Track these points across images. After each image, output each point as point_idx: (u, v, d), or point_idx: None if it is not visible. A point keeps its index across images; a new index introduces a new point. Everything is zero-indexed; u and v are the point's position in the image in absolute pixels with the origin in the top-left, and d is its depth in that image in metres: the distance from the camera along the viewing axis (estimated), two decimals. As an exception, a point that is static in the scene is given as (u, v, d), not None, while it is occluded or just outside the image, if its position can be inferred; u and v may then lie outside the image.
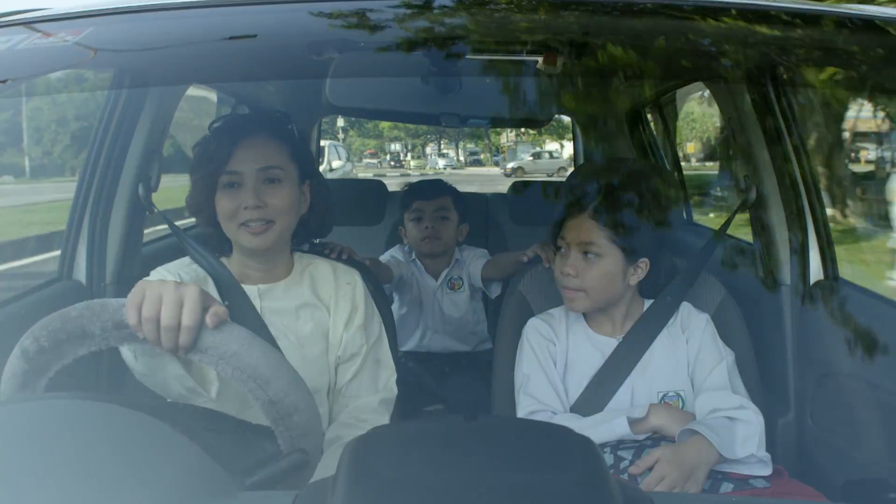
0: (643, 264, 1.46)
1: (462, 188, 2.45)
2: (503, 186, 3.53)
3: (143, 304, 0.89)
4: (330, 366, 1.41)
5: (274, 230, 1.34)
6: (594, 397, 1.45)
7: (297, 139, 1.42)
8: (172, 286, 0.91)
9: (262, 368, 0.86)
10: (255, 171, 1.32)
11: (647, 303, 1.52)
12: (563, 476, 0.60)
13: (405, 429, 0.73)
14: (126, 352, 1.04)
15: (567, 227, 1.47)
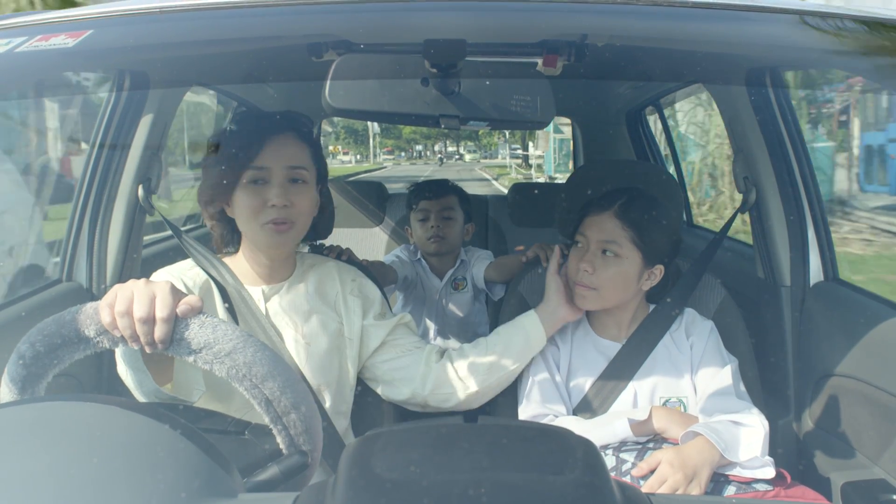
0: (658, 270, 1.45)
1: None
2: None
3: (116, 301, 0.90)
4: (345, 361, 1.42)
5: (294, 231, 1.33)
6: (597, 401, 1.45)
7: (316, 142, 1.43)
8: (143, 283, 0.92)
9: (257, 367, 0.86)
10: (283, 168, 1.30)
11: (652, 307, 1.52)
12: (563, 478, 0.60)
13: (405, 430, 0.73)
14: (121, 367, 1.05)
15: (588, 224, 1.46)
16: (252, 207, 1.30)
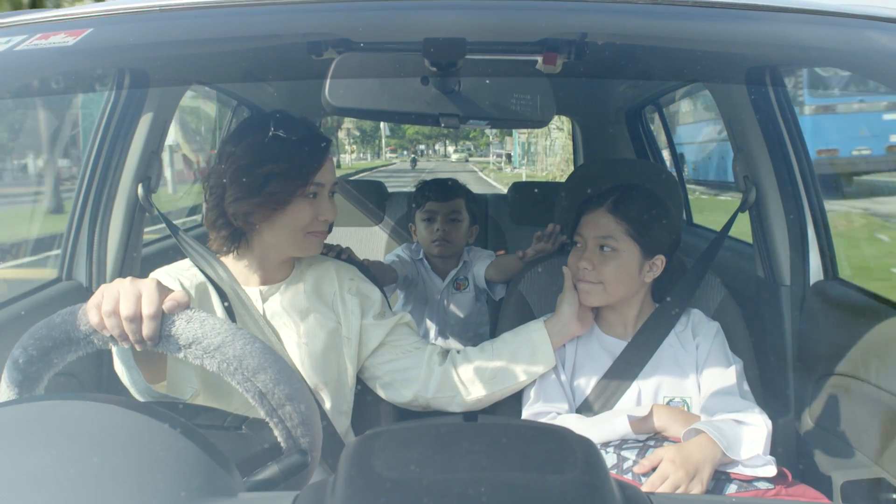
0: (659, 261, 1.46)
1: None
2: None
3: (103, 301, 0.90)
4: (343, 360, 1.42)
5: (325, 238, 1.43)
6: (601, 399, 1.45)
7: None
8: (129, 281, 0.92)
9: (247, 359, 0.86)
10: (331, 184, 1.40)
11: (657, 306, 1.52)
12: (562, 477, 0.60)
13: (405, 429, 0.72)
14: (118, 365, 1.05)
15: (584, 222, 1.48)
16: (305, 218, 1.36)
